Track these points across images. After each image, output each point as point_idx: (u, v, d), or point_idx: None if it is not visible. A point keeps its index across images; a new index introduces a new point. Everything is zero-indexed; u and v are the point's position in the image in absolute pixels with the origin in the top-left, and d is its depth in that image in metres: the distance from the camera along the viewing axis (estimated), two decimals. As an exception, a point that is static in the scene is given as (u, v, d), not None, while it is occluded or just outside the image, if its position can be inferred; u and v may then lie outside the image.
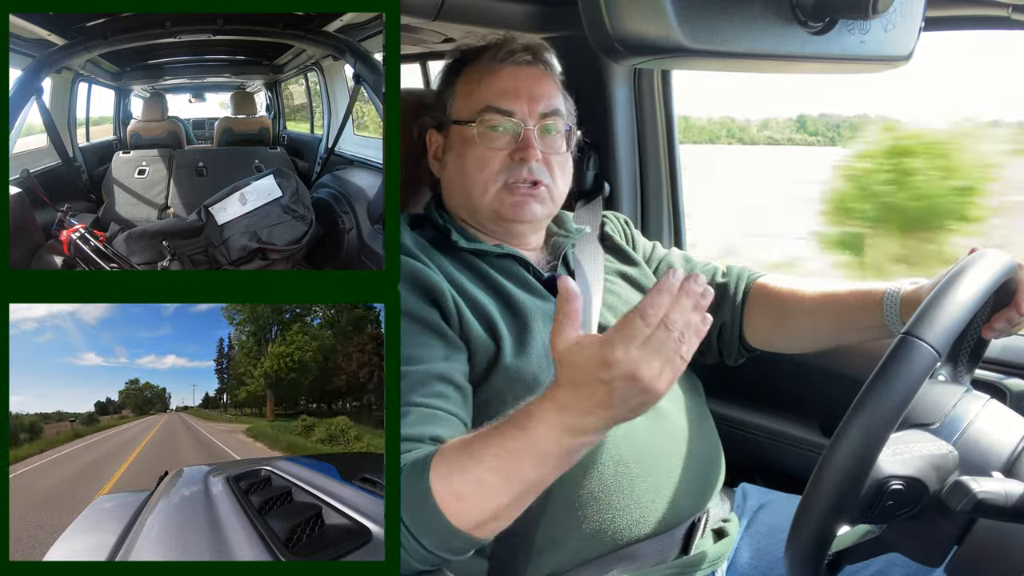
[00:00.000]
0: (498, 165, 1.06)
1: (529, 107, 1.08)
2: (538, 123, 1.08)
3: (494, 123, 1.06)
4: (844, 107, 9.49)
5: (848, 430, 0.68)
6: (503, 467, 0.75)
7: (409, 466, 0.80)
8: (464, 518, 0.77)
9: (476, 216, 1.10)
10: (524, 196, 1.07)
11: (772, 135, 8.86)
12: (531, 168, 1.07)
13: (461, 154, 1.09)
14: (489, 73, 1.09)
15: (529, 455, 0.75)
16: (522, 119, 1.07)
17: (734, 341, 1.20)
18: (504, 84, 1.08)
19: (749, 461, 1.43)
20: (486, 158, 1.07)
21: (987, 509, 0.70)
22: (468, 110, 1.08)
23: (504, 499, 0.76)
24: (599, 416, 0.72)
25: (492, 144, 1.07)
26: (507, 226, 1.10)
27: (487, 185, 1.07)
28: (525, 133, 1.07)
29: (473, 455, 0.77)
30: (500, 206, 1.07)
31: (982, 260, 0.80)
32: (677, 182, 1.66)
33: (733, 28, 0.60)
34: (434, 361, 0.94)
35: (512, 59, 1.10)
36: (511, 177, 1.06)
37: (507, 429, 0.76)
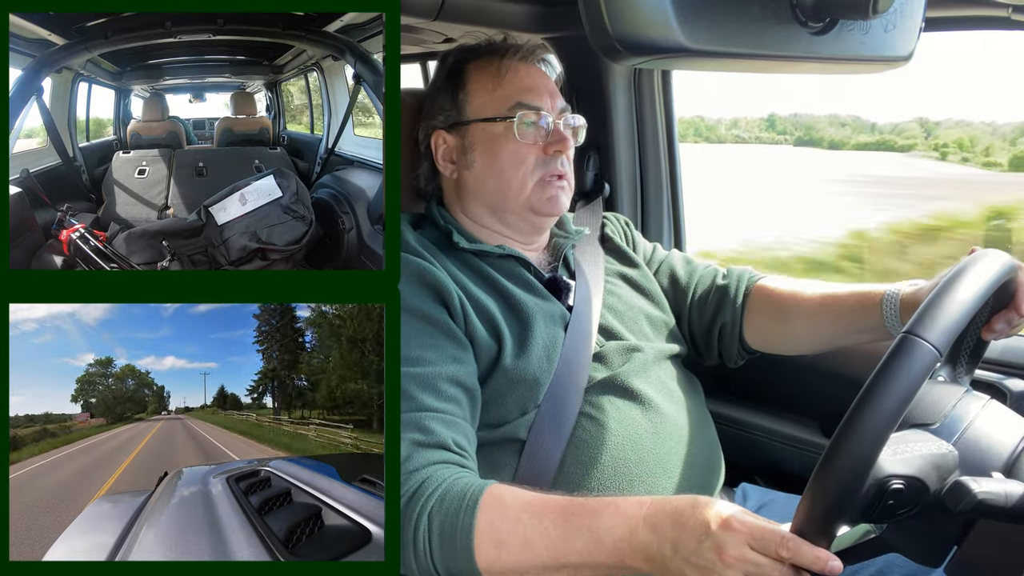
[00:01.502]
0: (534, 160, 1.09)
1: (552, 103, 1.11)
2: (559, 118, 1.11)
3: (528, 119, 1.08)
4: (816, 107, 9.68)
5: (849, 429, 0.68)
6: (556, 536, 0.77)
7: (457, 493, 0.82)
8: (493, 565, 0.79)
9: (505, 212, 1.11)
10: (556, 189, 1.10)
11: (740, 134, 8.99)
12: (563, 160, 1.10)
13: (491, 151, 1.10)
14: (511, 71, 1.11)
15: (586, 536, 0.76)
16: (550, 114, 1.10)
17: (734, 342, 1.20)
18: (527, 81, 1.11)
19: (749, 461, 1.43)
20: (521, 153, 1.09)
21: (987, 509, 0.70)
22: (495, 107, 1.10)
23: (537, 565, 0.78)
24: (663, 554, 0.73)
25: (527, 139, 1.09)
26: (536, 220, 1.13)
27: (524, 180, 1.09)
28: (556, 127, 1.10)
29: (532, 512, 0.79)
30: (537, 201, 1.10)
31: (982, 260, 0.80)
32: (677, 182, 1.66)
33: (733, 28, 0.60)
34: (445, 363, 0.95)
35: (531, 57, 1.13)
36: (546, 171, 1.09)
37: (579, 503, 0.79)
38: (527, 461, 0.98)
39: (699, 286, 1.23)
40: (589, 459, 0.99)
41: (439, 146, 1.13)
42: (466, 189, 1.13)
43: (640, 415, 1.03)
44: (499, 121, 1.09)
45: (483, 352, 0.99)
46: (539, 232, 1.16)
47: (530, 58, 1.13)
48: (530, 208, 1.10)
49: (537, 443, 0.99)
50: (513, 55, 1.12)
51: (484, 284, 1.05)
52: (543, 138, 1.09)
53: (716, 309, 1.20)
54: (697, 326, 1.23)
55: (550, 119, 1.09)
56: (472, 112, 1.11)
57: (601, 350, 1.06)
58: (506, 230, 1.13)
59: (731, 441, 1.18)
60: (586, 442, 0.99)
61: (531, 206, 1.10)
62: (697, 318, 1.22)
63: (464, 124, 1.11)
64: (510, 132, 1.08)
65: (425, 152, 1.15)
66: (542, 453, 0.98)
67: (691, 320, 1.23)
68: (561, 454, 0.98)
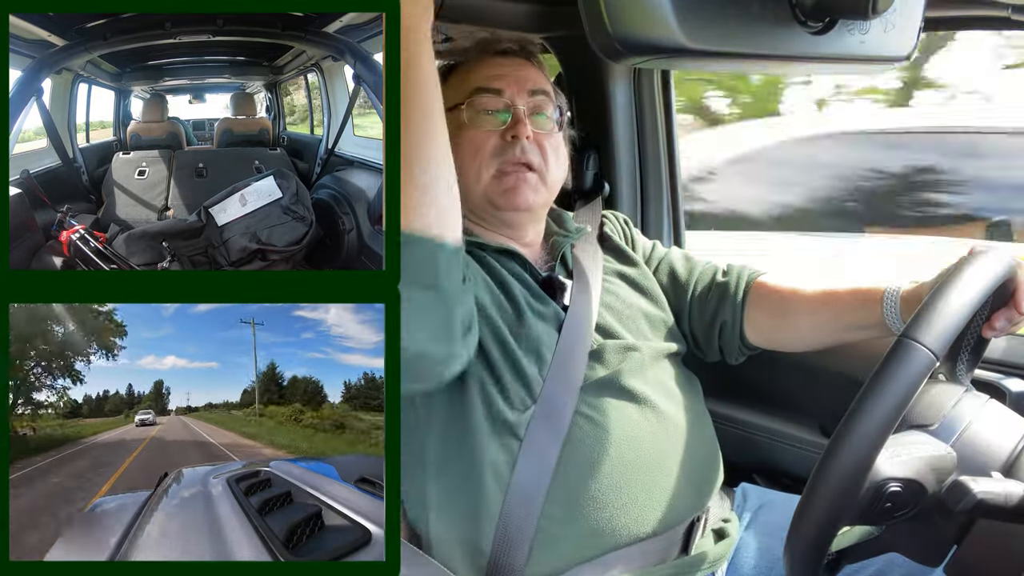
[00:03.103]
0: (491, 149, 1.06)
1: (518, 87, 1.08)
2: (527, 103, 1.08)
3: (485, 105, 1.06)
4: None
5: (845, 434, 0.68)
6: None
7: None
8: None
9: (469, 206, 1.08)
10: (517, 181, 1.06)
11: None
12: (523, 147, 1.05)
13: (453, 143, 1.09)
14: (477, 62, 1.11)
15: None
16: (511, 99, 1.07)
17: (735, 339, 1.20)
18: (492, 70, 1.09)
19: (749, 461, 1.43)
20: (478, 141, 1.06)
21: (987, 509, 0.70)
22: (457, 96, 1.08)
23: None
24: None
25: (483, 126, 1.06)
26: (501, 215, 1.09)
27: (480, 171, 1.06)
28: (515, 111, 1.06)
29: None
30: (493, 193, 1.07)
31: (981, 260, 0.80)
32: (677, 182, 1.66)
33: (733, 28, 0.60)
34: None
35: (498, 47, 1.12)
36: (503, 160, 1.05)
37: None
38: (524, 459, 0.98)
39: (699, 283, 1.23)
40: (587, 458, 0.99)
41: None
42: None
43: (638, 414, 1.03)
44: (457, 109, 1.06)
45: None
46: (516, 227, 1.13)
47: (499, 47, 1.11)
48: (489, 202, 1.08)
49: (533, 441, 0.99)
50: (482, 50, 1.11)
51: (480, 270, 1.05)
52: (503, 126, 1.06)
53: (717, 306, 1.20)
54: (698, 323, 1.23)
55: (516, 105, 1.06)
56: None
57: (598, 349, 1.06)
58: (491, 226, 1.12)
59: (731, 441, 1.18)
60: (584, 441, 0.99)
61: (490, 200, 1.07)
62: (698, 315, 1.22)
63: None
64: (465, 118, 1.06)
65: None
66: (538, 452, 0.98)
67: (691, 317, 1.23)
68: (558, 453, 0.98)
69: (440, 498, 1.00)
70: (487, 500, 0.97)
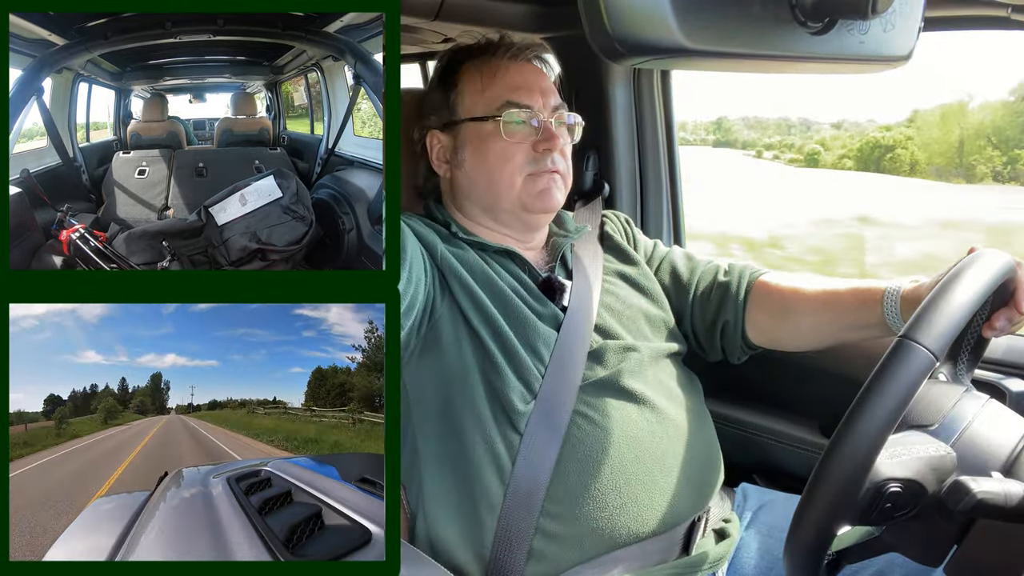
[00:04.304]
0: (522, 158, 1.10)
1: (543, 101, 1.12)
2: (551, 115, 1.11)
3: (517, 117, 1.09)
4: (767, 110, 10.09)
5: (845, 434, 0.68)
6: None
7: None
8: None
9: (497, 211, 1.12)
10: (548, 183, 1.11)
11: (686, 136, 9.29)
12: (554, 159, 1.11)
13: (481, 150, 1.11)
14: (501, 70, 1.12)
15: None
16: (539, 112, 1.11)
17: (737, 339, 1.20)
18: (517, 80, 1.12)
19: (749, 461, 1.43)
20: (510, 152, 1.10)
21: (987, 509, 0.70)
22: (484, 106, 1.11)
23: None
24: None
25: (515, 137, 1.09)
26: (530, 218, 1.13)
27: (513, 178, 1.10)
28: (546, 125, 1.11)
29: None
30: (527, 197, 1.11)
31: (980, 260, 0.80)
32: (677, 182, 1.66)
33: (732, 28, 0.60)
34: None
35: (522, 56, 1.14)
36: (535, 168, 1.10)
37: None
38: (524, 456, 0.98)
39: (701, 283, 1.23)
40: (586, 458, 0.99)
41: (434, 146, 1.14)
42: (459, 188, 1.13)
43: (637, 414, 1.03)
44: (488, 120, 1.10)
45: (464, 339, 1.01)
46: (533, 230, 1.16)
47: (521, 56, 1.14)
48: (521, 205, 1.11)
49: (532, 438, 0.99)
50: (504, 53, 1.13)
51: (477, 273, 1.05)
52: (533, 136, 1.10)
53: (718, 306, 1.20)
54: (700, 323, 1.23)
55: (541, 117, 1.10)
56: (463, 112, 1.12)
57: (597, 349, 1.06)
58: (502, 228, 1.14)
59: (731, 441, 1.18)
60: (583, 441, 1.00)
61: (522, 203, 1.11)
62: (700, 315, 1.22)
63: (456, 124, 1.12)
64: (498, 130, 1.09)
65: (421, 152, 1.16)
66: (536, 451, 0.98)
67: (693, 317, 1.23)
68: (556, 452, 0.98)
69: (441, 489, 1.01)
70: (488, 493, 0.97)
